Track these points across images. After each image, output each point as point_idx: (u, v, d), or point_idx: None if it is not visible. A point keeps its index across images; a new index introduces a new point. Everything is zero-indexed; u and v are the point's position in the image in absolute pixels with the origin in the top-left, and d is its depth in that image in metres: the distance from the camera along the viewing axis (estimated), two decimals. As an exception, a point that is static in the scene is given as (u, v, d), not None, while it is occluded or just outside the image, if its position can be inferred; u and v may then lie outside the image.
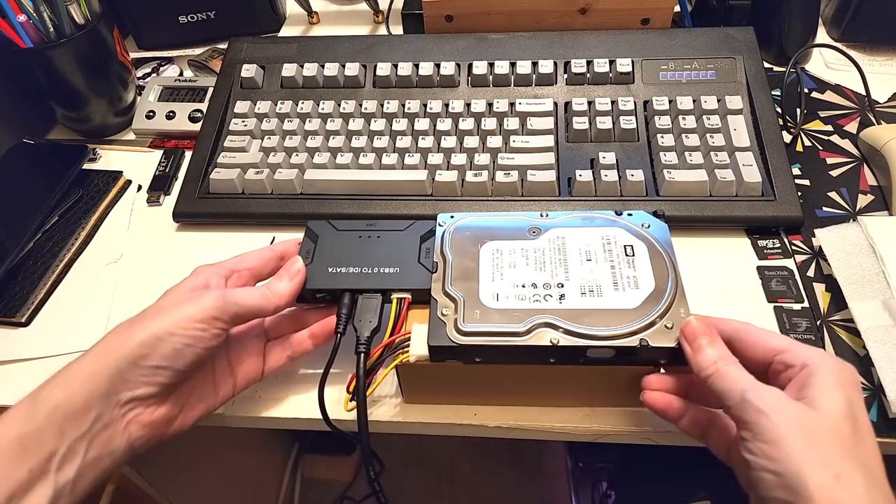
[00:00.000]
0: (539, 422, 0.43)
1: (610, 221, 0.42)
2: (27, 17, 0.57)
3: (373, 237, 0.43)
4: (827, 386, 0.31)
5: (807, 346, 0.33)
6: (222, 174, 0.56)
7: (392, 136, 0.58)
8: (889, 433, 0.40)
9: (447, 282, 0.39)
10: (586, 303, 0.37)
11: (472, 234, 0.42)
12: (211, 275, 0.40)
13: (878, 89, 0.62)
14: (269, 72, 0.64)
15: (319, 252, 0.43)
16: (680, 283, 0.38)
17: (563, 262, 0.40)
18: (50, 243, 0.56)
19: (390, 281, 0.41)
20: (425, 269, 0.41)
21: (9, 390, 0.47)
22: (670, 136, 0.55)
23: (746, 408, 0.31)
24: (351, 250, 0.43)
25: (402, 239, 0.43)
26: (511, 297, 0.38)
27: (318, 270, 0.42)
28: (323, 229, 0.44)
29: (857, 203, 0.53)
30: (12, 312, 0.51)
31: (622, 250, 0.40)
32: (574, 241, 0.41)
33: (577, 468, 1.00)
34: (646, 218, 0.42)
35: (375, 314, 0.40)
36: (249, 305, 0.38)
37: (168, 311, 0.36)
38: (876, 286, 0.45)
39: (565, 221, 0.42)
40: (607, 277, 0.38)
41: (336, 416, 0.42)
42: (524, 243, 0.41)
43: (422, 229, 0.43)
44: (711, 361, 0.33)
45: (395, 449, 1.21)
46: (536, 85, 0.60)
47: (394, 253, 0.42)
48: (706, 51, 0.60)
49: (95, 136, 0.67)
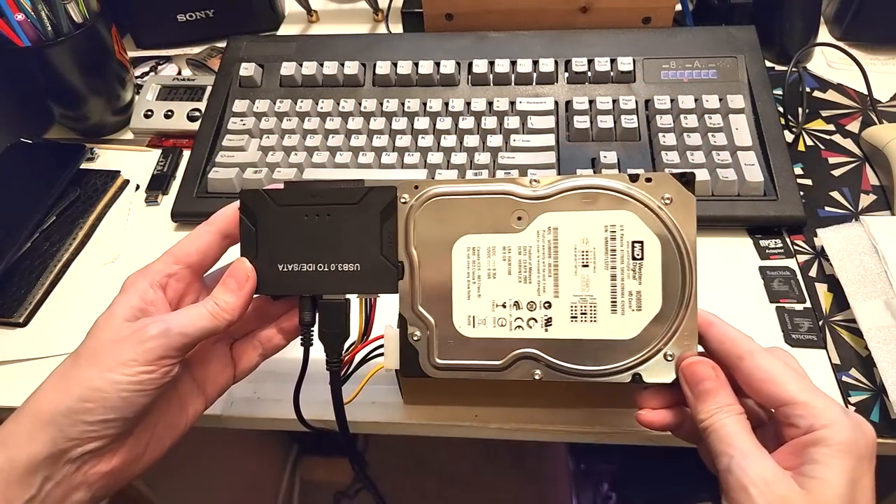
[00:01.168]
0: (540, 423, 0.43)
1: (619, 199, 0.33)
2: (25, 16, 0.57)
3: (321, 216, 0.36)
4: (831, 464, 0.27)
5: (821, 399, 0.29)
6: (221, 173, 0.56)
7: (391, 136, 0.57)
8: (891, 434, 0.40)
9: (416, 298, 0.34)
10: (576, 330, 0.32)
11: (443, 219, 0.34)
12: (145, 289, 0.34)
13: (880, 88, 0.62)
14: (268, 71, 0.63)
15: (263, 241, 0.36)
16: (693, 295, 0.32)
17: (552, 268, 0.33)
18: (47, 243, 0.56)
19: (352, 283, 0.35)
20: (389, 265, 0.35)
21: (7, 391, 0.47)
22: (672, 135, 0.54)
23: (729, 478, 0.28)
24: (300, 239, 0.36)
25: (358, 216, 0.35)
26: (489, 320, 0.33)
27: (267, 269, 0.36)
28: (260, 204, 0.36)
29: (860, 203, 0.53)
30: (10, 313, 0.51)
31: (629, 250, 0.32)
32: (569, 234, 0.33)
33: (578, 470, 0.99)
34: (668, 186, 0.32)
35: (341, 321, 0.36)
36: (199, 329, 0.33)
37: (104, 356, 0.31)
38: (878, 286, 0.45)
39: (560, 199, 0.33)
40: (605, 293, 0.32)
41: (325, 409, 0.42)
42: (507, 239, 0.33)
43: (378, 202, 0.35)
44: (710, 413, 0.30)
45: (396, 450, 1.20)
46: (537, 84, 0.60)
47: (351, 239, 0.35)
48: (708, 50, 0.60)
49: (93, 135, 0.67)
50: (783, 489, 0.27)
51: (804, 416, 0.28)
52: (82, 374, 0.31)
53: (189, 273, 0.36)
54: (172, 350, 0.32)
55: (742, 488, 0.27)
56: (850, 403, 0.41)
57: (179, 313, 0.33)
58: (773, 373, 0.30)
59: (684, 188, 0.32)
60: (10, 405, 0.46)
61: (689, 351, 0.32)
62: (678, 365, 0.32)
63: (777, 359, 0.31)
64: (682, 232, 0.32)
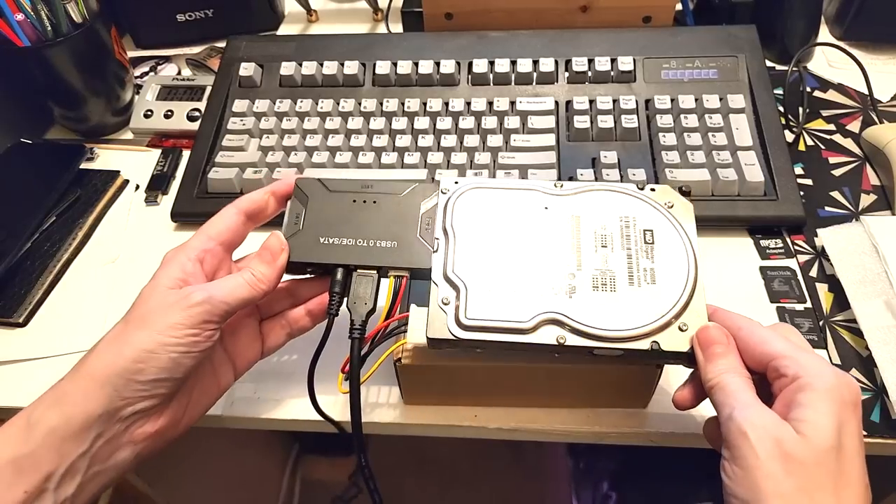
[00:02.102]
0: (540, 423, 0.43)
1: (631, 197, 0.38)
2: (25, 16, 0.57)
3: (368, 202, 0.39)
4: (817, 407, 0.29)
5: (806, 354, 0.31)
6: (220, 173, 0.56)
7: (391, 135, 0.57)
8: (892, 434, 0.40)
9: (449, 266, 0.36)
10: (597, 298, 0.35)
11: (478, 206, 0.38)
12: (185, 262, 0.36)
13: (881, 88, 0.62)
14: (268, 70, 0.63)
15: (310, 217, 0.39)
16: (699, 277, 0.36)
17: (576, 247, 0.37)
18: (47, 243, 0.56)
19: (387, 257, 0.38)
20: (426, 245, 0.38)
21: (7, 391, 0.47)
22: (672, 135, 0.54)
23: (731, 427, 0.30)
24: (344, 217, 0.39)
25: (401, 206, 0.39)
26: (518, 286, 0.36)
27: (309, 240, 0.39)
28: (314, 189, 0.40)
29: (860, 203, 0.53)
30: (10, 313, 0.51)
31: (641, 236, 0.37)
32: (589, 221, 0.37)
33: (578, 469, 0.99)
34: (670, 195, 0.38)
35: (371, 294, 0.38)
36: (238, 299, 0.36)
37: (154, 321, 0.34)
38: (878, 286, 0.45)
39: (581, 196, 0.38)
40: (622, 269, 0.36)
41: (332, 409, 0.42)
42: (535, 222, 0.38)
43: (422, 194, 0.39)
44: (718, 372, 0.32)
45: (395, 450, 1.20)
46: (537, 83, 0.60)
47: (391, 223, 0.39)
48: (708, 49, 0.59)
49: (93, 135, 0.67)
50: (778, 432, 0.29)
51: (790, 367, 0.31)
52: (134, 338, 0.34)
53: (222, 250, 0.39)
54: (215, 316, 0.35)
55: (742, 434, 0.29)
56: (851, 404, 0.41)
57: (219, 282, 0.36)
58: (766, 337, 0.33)
59: (683, 197, 0.38)
60: (10, 405, 0.46)
61: (702, 322, 0.34)
62: (693, 335, 0.34)
63: (775, 330, 0.33)
64: (684, 227, 0.37)
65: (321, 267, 0.39)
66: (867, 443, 0.40)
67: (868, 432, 0.40)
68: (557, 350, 0.35)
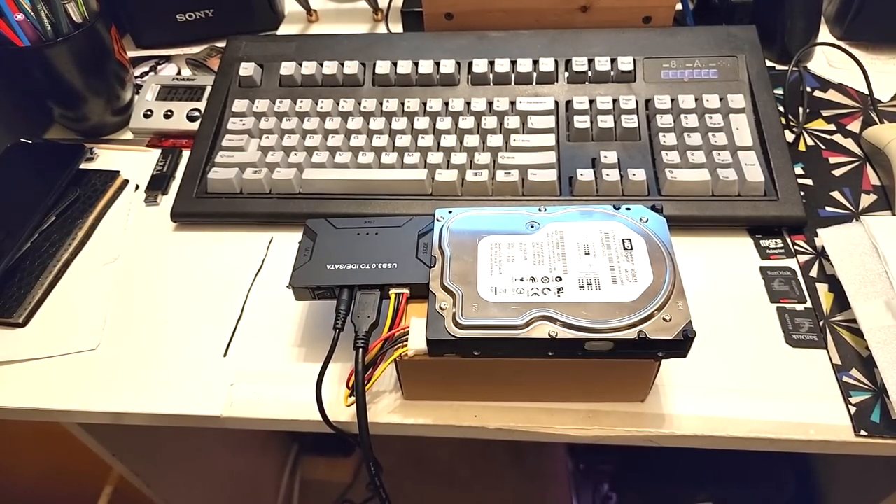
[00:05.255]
0: (540, 424, 0.43)
1: (608, 216, 0.42)
2: (25, 16, 0.57)
3: (370, 233, 0.44)
4: None
5: None
6: (220, 173, 0.56)
7: (391, 135, 0.57)
8: (892, 434, 0.40)
9: (445, 276, 0.39)
10: (585, 296, 0.38)
11: (470, 228, 0.42)
12: None
13: (881, 88, 0.62)
14: (268, 70, 0.63)
15: (318, 249, 0.43)
16: (678, 276, 0.38)
17: (561, 255, 0.40)
18: (47, 244, 0.56)
19: (388, 276, 0.41)
20: (423, 264, 0.41)
21: (7, 391, 0.47)
22: (672, 135, 0.54)
23: None
24: (349, 247, 0.43)
25: (400, 235, 0.44)
26: (509, 290, 0.38)
27: (316, 267, 0.42)
28: (321, 227, 0.45)
29: (860, 203, 0.53)
30: (9, 313, 0.51)
31: (620, 244, 0.40)
32: (572, 235, 0.41)
33: (578, 470, 0.99)
34: (644, 212, 0.42)
35: (374, 309, 0.41)
36: None
37: None
38: (879, 286, 0.45)
39: (563, 216, 0.42)
40: (605, 271, 0.39)
41: (335, 416, 0.42)
42: (522, 237, 0.41)
43: (420, 225, 0.44)
44: None
45: (395, 451, 1.20)
46: (537, 83, 0.60)
47: (392, 248, 0.43)
48: (708, 49, 0.59)
49: (93, 135, 0.67)
50: None
51: None
52: None
53: None
54: None
55: None
56: (851, 404, 0.41)
57: None
58: None
59: (656, 214, 0.42)
60: (10, 405, 0.46)
61: (686, 316, 0.36)
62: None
63: None
64: (660, 236, 0.40)
65: (328, 290, 0.42)
66: (867, 443, 0.40)
67: (868, 432, 0.40)
68: (550, 345, 0.36)
